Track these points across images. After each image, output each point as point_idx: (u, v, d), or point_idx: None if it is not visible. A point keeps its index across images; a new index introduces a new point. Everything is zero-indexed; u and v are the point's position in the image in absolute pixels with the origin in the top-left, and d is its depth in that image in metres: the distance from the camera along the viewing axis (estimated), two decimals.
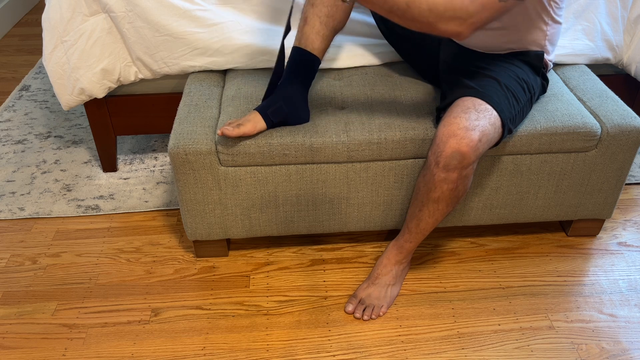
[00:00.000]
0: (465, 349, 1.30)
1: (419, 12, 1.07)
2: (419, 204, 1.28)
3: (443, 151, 1.17)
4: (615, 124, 1.38)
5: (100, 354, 1.29)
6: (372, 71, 1.55)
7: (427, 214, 1.28)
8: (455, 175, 1.19)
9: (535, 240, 1.61)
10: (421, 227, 1.31)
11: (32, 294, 1.45)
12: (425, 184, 1.24)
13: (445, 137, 1.16)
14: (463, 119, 1.16)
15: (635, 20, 1.62)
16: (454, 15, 1.06)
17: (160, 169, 1.88)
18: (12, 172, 1.88)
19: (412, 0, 1.06)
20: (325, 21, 1.30)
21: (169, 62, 1.58)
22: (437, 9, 1.06)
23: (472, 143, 1.15)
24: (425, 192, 1.25)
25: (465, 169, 1.19)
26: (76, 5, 1.51)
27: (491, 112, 1.20)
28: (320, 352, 1.29)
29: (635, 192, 1.78)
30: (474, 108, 1.19)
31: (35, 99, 2.30)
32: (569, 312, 1.39)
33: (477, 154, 1.17)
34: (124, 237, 1.62)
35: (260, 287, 1.46)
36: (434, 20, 1.07)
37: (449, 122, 1.17)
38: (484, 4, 1.07)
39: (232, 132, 1.26)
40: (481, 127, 1.17)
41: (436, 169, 1.19)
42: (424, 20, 1.08)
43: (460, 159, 1.16)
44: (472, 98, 1.21)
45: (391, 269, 1.40)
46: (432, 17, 1.07)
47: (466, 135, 1.15)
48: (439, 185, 1.21)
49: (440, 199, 1.24)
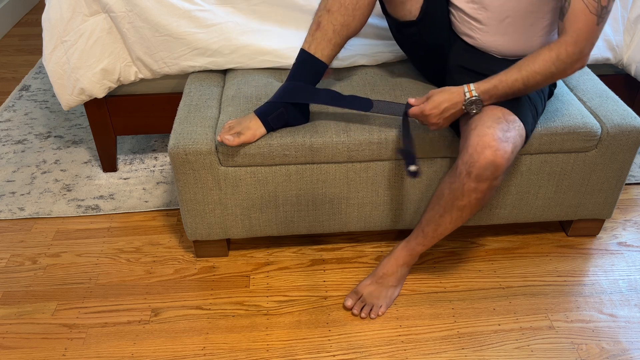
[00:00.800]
0: (465, 349, 1.30)
1: (537, 83, 1.18)
2: (440, 210, 1.27)
3: (477, 161, 1.15)
4: (615, 124, 1.38)
5: (100, 354, 1.29)
6: (372, 71, 1.55)
7: (448, 220, 1.27)
8: (486, 186, 1.18)
9: (535, 240, 1.61)
10: (439, 232, 1.30)
11: (32, 294, 1.45)
12: (452, 192, 1.22)
13: (481, 147, 1.15)
14: (497, 129, 1.15)
15: (635, 20, 1.62)
16: (566, 65, 1.15)
17: (160, 169, 1.88)
18: (12, 172, 1.88)
19: (526, 79, 1.17)
20: (339, 30, 1.26)
21: (169, 62, 1.58)
22: (549, 72, 1.16)
23: (507, 155, 1.15)
24: (451, 200, 1.23)
25: (496, 180, 1.18)
26: (76, 5, 1.51)
27: (519, 123, 1.20)
28: (320, 352, 1.29)
29: (635, 192, 1.78)
30: (504, 119, 1.18)
31: (35, 99, 2.30)
32: (569, 312, 1.40)
33: (508, 165, 1.17)
34: (124, 237, 1.62)
35: (260, 287, 1.46)
36: (556, 76, 1.17)
37: (483, 133, 1.15)
38: (586, 37, 1.14)
39: (232, 142, 1.26)
40: (512, 138, 1.17)
41: (467, 178, 1.18)
42: (548, 82, 1.18)
43: (494, 170, 1.15)
44: (501, 108, 1.20)
45: (397, 270, 1.39)
46: (550, 79, 1.17)
47: (501, 146, 1.14)
48: (467, 195, 1.20)
49: (466, 207, 1.23)
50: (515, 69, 1.17)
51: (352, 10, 1.25)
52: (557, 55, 1.14)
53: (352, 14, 1.25)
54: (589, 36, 1.12)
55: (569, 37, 1.13)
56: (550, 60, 1.15)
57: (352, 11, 1.25)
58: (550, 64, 1.15)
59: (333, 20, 1.25)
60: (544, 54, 1.15)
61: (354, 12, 1.25)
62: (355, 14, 1.26)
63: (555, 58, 1.14)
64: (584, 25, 1.12)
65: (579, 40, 1.13)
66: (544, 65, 1.15)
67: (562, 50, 1.14)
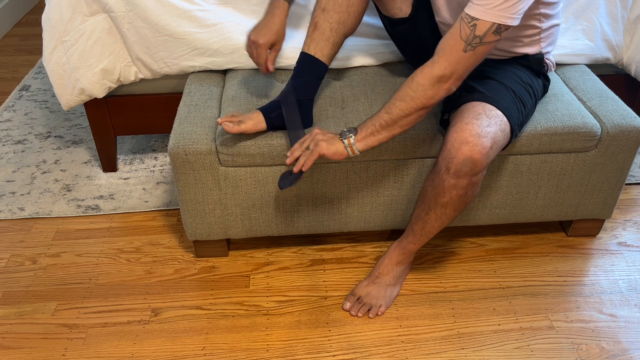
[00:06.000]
0: (465, 349, 1.30)
1: (402, 110, 1.15)
2: (425, 207, 1.27)
3: (455, 158, 1.15)
4: (615, 124, 1.38)
5: (100, 354, 1.29)
6: (372, 71, 1.55)
7: (433, 218, 1.27)
8: (466, 182, 1.18)
9: (535, 240, 1.61)
10: (426, 229, 1.31)
11: (32, 294, 1.45)
12: (434, 189, 1.23)
13: (458, 143, 1.15)
14: (475, 125, 1.15)
15: (635, 20, 1.62)
16: (424, 88, 1.12)
17: (160, 169, 1.88)
18: (12, 172, 1.88)
19: (388, 108, 1.16)
20: (336, 28, 1.28)
21: (169, 62, 1.58)
22: (407, 96, 1.14)
23: (484, 150, 1.14)
24: (433, 197, 1.24)
25: (476, 176, 1.18)
26: (76, 5, 1.51)
27: (501, 118, 1.19)
28: (320, 352, 1.29)
29: (635, 192, 1.78)
30: (485, 114, 1.17)
31: (35, 99, 2.30)
32: (569, 312, 1.40)
33: (488, 160, 1.17)
34: (124, 237, 1.62)
35: (260, 287, 1.46)
36: (416, 100, 1.13)
37: (461, 128, 1.15)
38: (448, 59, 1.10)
39: (232, 129, 1.25)
40: (492, 133, 1.16)
41: (446, 175, 1.18)
42: (411, 109, 1.14)
43: (472, 166, 1.15)
44: (482, 103, 1.20)
45: (392, 269, 1.40)
46: (412, 104, 1.13)
47: (478, 142, 1.14)
48: (448, 191, 1.20)
49: (449, 204, 1.23)
50: (385, 104, 1.18)
51: (347, 7, 1.26)
52: (413, 76, 1.13)
53: (346, 10, 1.27)
54: (451, 60, 1.09)
55: (432, 58, 1.12)
56: (407, 83, 1.14)
57: (347, 7, 1.27)
58: (406, 87, 1.14)
59: (329, 18, 1.27)
60: (407, 79, 1.15)
61: (348, 8, 1.27)
62: (349, 11, 1.27)
63: (410, 80, 1.13)
64: (449, 47, 1.09)
65: (438, 62, 1.10)
66: (401, 89, 1.15)
67: (420, 70, 1.13)
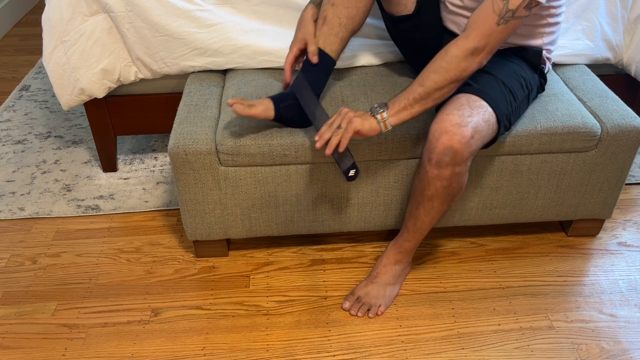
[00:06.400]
0: (465, 349, 1.30)
1: (436, 83, 1.14)
2: (415, 203, 1.29)
3: (435, 148, 1.16)
4: (615, 124, 1.38)
5: (100, 354, 1.29)
6: (372, 71, 1.55)
7: (423, 212, 1.28)
8: (448, 173, 1.19)
9: (535, 240, 1.61)
10: (418, 225, 1.31)
11: (32, 294, 1.45)
12: (420, 182, 1.24)
13: (438, 133, 1.16)
14: (455, 115, 1.16)
15: (635, 20, 1.62)
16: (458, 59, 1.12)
17: (160, 169, 1.88)
18: (12, 172, 1.88)
19: (421, 81, 1.15)
20: (345, 23, 1.28)
21: (169, 62, 1.58)
22: (441, 68, 1.13)
23: (464, 139, 1.15)
24: (420, 190, 1.25)
25: (459, 166, 1.18)
26: (76, 5, 1.51)
27: (485, 108, 1.19)
28: (320, 352, 1.29)
29: (635, 192, 1.78)
30: (468, 104, 1.18)
31: (35, 99, 2.30)
32: (569, 312, 1.40)
33: (470, 150, 1.17)
34: (124, 237, 1.62)
35: (260, 287, 1.46)
36: (450, 72, 1.13)
37: (441, 119, 1.17)
38: (481, 33, 1.11)
39: (243, 111, 1.24)
40: (474, 123, 1.16)
41: (429, 166, 1.19)
42: (447, 82, 1.14)
43: (453, 155, 1.16)
44: (467, 94, 1.21)
45: (390, 268, 1.40)
46: (446, 76, 1.13)
47: (458, 131, 1.14)
48: (432, 183, 1.21)
49: (434, 197, 1.24)
50: (418, 77, 1.18)
51: (355, 2, 1.27)
52: (447, 49, 1.13)
53: (355, 5, 1.27)
54: (484, 33, 1.11)
55: (465, 32, 1.13)
56: (440, 56, 1.14)
57: (355, 2, 1.27)
58: (440, 59, 1.14)
59: (338, 13, 1.27)
60: (439, 52, 1.15)
61: (357, 3, 1.27)
62: (358, 5, 1.28)
63: (444, 53, 1.13)
64: (482, 21, 1.11)
65: (472, 35, 1.11)
66: (434, 62, 1.15)
67: (454, 43, 1.13)
